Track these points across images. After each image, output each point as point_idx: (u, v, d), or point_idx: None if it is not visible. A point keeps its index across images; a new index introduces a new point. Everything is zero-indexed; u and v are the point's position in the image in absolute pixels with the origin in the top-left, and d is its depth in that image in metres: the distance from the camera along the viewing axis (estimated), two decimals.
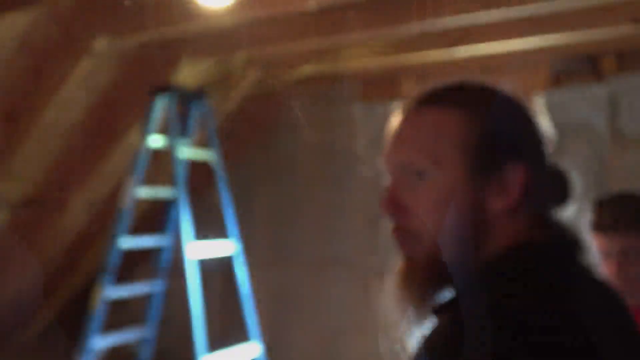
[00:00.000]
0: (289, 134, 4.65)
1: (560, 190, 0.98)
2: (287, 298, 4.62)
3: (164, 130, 3.62)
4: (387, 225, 0.96)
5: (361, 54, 3.63)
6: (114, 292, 3.60)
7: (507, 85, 0.95)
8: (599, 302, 0.82)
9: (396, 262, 0.96)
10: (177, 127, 3.59)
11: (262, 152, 4.75)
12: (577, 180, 1.03)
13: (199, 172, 3.93)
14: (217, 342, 3.68)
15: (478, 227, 0.87)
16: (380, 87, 4.29)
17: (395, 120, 0.98)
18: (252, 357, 3.76)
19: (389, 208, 0.93)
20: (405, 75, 4.16)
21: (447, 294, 0.93)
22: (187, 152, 3.64)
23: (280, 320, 4.63)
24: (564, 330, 0.73)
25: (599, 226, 1.69)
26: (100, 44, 3.06)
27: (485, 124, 0.87)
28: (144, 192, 3.62)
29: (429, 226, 0.88)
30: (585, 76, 3.64)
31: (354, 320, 4.35)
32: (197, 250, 3.50)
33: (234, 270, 3.84)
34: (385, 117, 4.07)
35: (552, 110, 3.85)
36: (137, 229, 3.97)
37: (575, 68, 3.68)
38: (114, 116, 3.71)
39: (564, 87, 3.65)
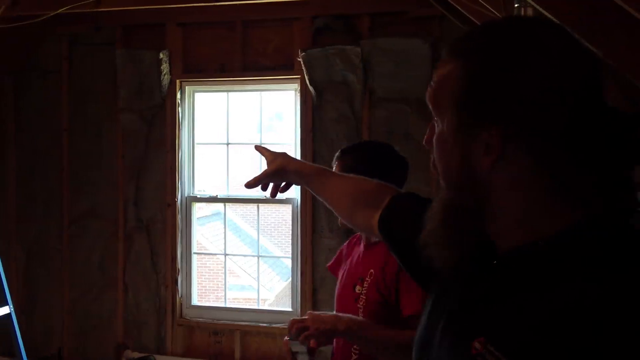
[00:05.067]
0: (42, 78, 4.31)
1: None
2: (42, 254, 4.35)
3: None
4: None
5: None
6: None
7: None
8: None
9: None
10: None
11: (11, 97, 4.35)
12: None
13: None
14: None
15: (469, 184, 0.87)
16: (143, 34, 4.15)
17: None
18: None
19: (425, 143, 0.95)
20: (170, 23, 4.07)
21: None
22: None
23: (35, 277, 4.36)
24: None
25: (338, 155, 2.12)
26: None
27: (472, 78, 0.84)
28: None
29: (439, 168, 0.92)
30: (343, 36, 3.87)
31: (110, 274, 4.25)
32: None
33: None
34: (150, 66, 3.97)
35: (312, 66, 4.06)
36: None
37: (334, 27, 3.90)
38: None
39: (324, 45, 3.85)
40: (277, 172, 1.50)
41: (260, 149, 1.59)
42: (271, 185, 1.54)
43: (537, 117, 0.81)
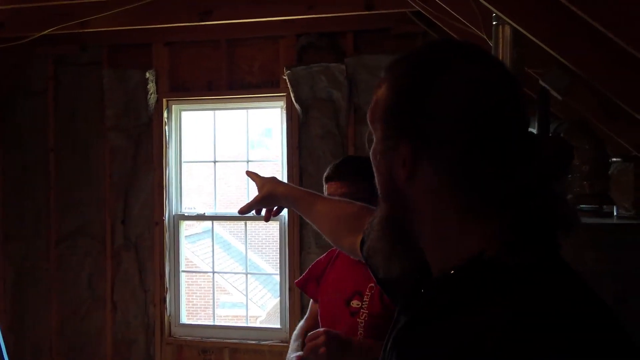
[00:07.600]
0: (29, 98, 4.33)
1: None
2: (31, 273, 4.34)
3: None
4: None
5: (107, 18, 3.50)
6: None
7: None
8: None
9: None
10: None
11: None
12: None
13: None
14: None
15: (394, 197, 0.91)
16: (130, 54, 4.18)
17: None
18: None
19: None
20: (156, 43, 4.10)
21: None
22: None
23: (23, 296, 4.35)
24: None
25: (326, 178, 2.12)
26: None
27: (394, 96, 0.90)
28: None
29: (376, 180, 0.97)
30: (327, 53, 3.92)
31: (98, 293, 4.25)
32: None
33: None
34: (136, 85, 4.00)
35: (298, 84, 4.09)
36: None
37: (319, 45, 3.94)
38: None
39: (309, 63, 3.89)
40: (267, 197, 1.55)
41: (250, 174, 1.63)
42: (264, 210, 1.59)
43: (444, 136, 0.84)
